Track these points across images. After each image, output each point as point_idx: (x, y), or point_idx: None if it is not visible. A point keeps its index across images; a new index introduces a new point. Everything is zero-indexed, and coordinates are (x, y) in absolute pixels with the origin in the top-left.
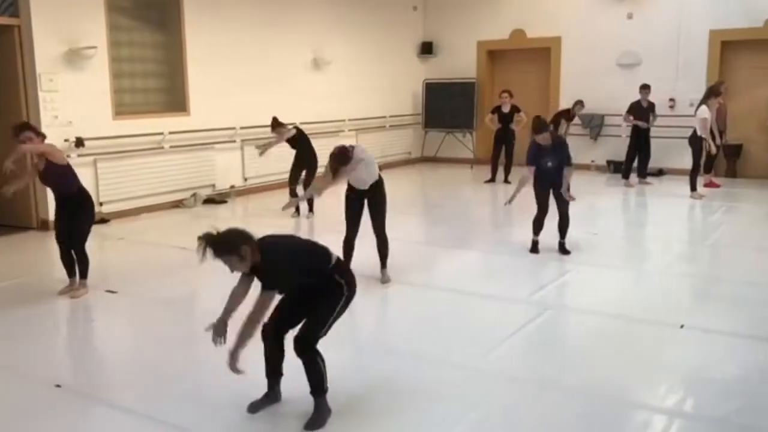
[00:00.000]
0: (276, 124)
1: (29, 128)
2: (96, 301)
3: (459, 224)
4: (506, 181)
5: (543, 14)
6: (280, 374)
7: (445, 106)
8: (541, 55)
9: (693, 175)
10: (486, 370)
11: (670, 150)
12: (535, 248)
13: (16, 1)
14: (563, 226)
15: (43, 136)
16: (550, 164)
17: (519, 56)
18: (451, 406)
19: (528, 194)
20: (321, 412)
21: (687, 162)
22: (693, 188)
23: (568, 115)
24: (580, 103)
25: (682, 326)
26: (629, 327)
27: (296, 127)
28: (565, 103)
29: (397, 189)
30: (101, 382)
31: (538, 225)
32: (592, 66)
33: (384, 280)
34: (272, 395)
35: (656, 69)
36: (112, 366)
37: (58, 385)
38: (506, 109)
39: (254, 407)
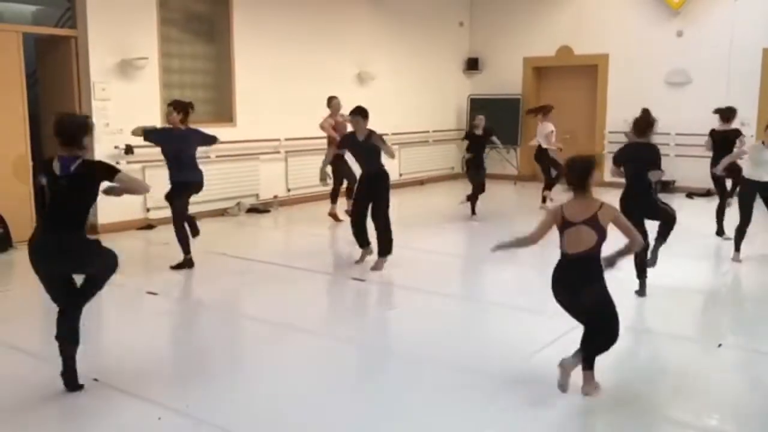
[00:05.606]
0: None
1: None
2: (137, 301)
3: (500, 239)
4: (549, 199)
5: (590, 31)
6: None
7: (490, 121)
8: (588, 73)
9: None
10: (524, 380)
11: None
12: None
13: (74, 15)
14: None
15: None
16: None
17: (565, 73)
18: (488, 413)
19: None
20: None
21: None
22: None
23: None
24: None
25: (720, 345)
26: (667, 344)
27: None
28: (611, 121)
29: (439, 203)
30: (138, 378)
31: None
32: (640, 84)
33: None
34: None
35: (706, 87)
36: (149, 363)
37: (95, 379)
38: None
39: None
